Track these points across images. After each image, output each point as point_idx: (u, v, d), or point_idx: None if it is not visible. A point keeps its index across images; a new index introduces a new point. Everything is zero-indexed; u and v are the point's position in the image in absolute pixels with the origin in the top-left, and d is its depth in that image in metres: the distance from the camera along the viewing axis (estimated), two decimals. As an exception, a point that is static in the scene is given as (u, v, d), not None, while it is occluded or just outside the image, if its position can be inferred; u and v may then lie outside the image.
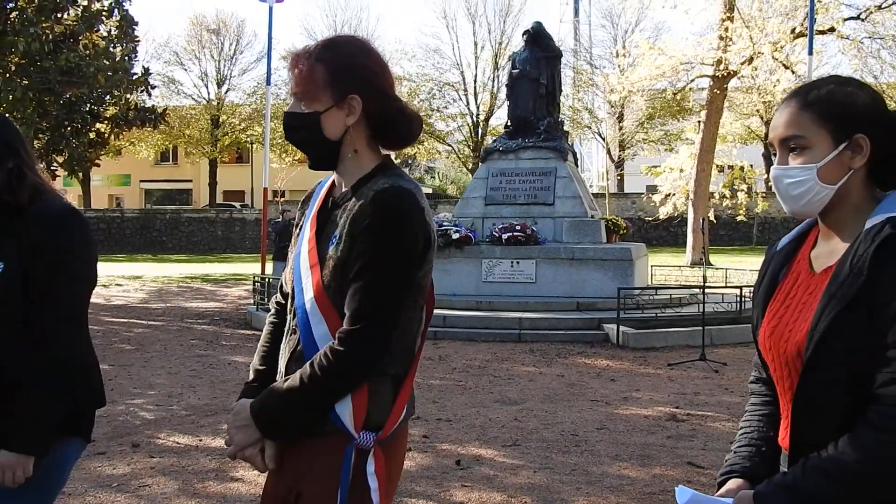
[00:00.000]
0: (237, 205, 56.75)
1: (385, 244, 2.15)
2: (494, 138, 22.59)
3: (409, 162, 68.88)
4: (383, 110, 2.32)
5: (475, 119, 53.09)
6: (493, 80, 52.22)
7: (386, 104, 2.32)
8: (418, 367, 2.38)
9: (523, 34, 18.27)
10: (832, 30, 26.55)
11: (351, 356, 2.14)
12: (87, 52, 20.95)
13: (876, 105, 1.92)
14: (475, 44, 53.90)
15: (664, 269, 21.85)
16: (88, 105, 22.30)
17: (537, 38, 17.79)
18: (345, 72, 2.28)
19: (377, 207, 2.16)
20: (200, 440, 7.13)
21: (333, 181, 2.44)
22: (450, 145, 54.91)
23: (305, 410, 2.20)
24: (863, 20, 27.19)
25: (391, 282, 2.16)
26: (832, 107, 1.91)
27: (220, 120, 56.40)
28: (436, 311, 10.98)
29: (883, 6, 26.73)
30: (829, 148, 1.90)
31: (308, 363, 2.18)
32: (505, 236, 15.30)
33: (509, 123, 18.07)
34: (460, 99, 53.33)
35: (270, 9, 18.76)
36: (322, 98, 2.29)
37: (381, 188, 2.20)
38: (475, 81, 53.51)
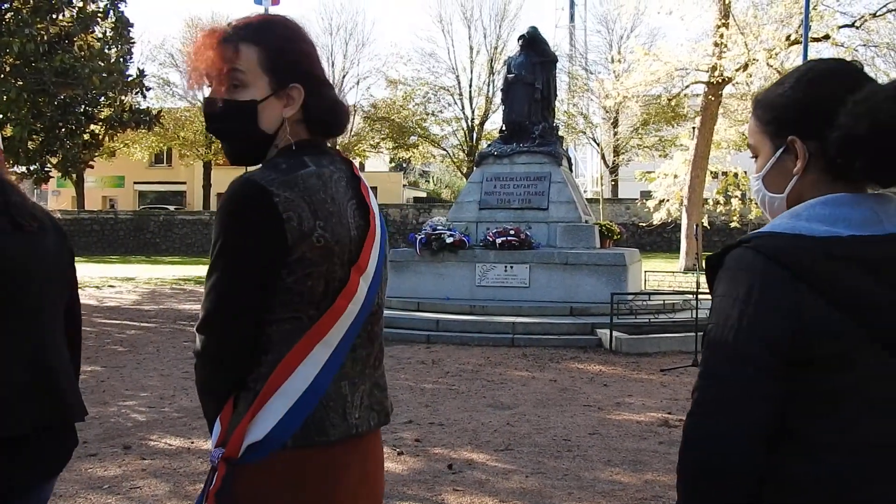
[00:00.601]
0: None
1: (217, 238, 1.99)
2: (489, 143, 22.60)
3: (405, 166, 68.98)
4: (323, 100, 2.15)
5: (470, 123, 53.10)
6: (489, 85, 52.28)
7: (324, 93, 2.16)
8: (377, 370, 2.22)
9: (519, 39, 18.27)
10: (827, 37, 26.62)
11: (194, 354, 2.09)
12: (82, 53, 20.90)
13: (812, 99, 1.75)
14: (471, 48, 53.96)
15: (658, 274, 21.87)
16: (83, 106, 22.24)
17: (533, 42, 17.81)
18: (285, 58, 2.10)
19: (221, 200, 2.00)
20: (192, 442, 7.12)
21: None
22: (444, 149, 54.96)
23: (204, 414, 2.16)
24: (857, 28, 27.28)
25: (220, 275, 2.00)
26: (767, 110, 1.83)
27: (215, 122, 56.30)
28: (429, 315, 10.98)
29: (877, 14, 26.83)
30: (771, 154, 1.83)
31: None
32: (499, 241, 15.30)
33: (504, 128, 18.08)
34: (455, 103, 53.39)
35: (266, 11, 18.75)
36: (259, 85, 2.08)
37: (233, 180, 2.04)
38: (470, 86, 53.55)
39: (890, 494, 1.61)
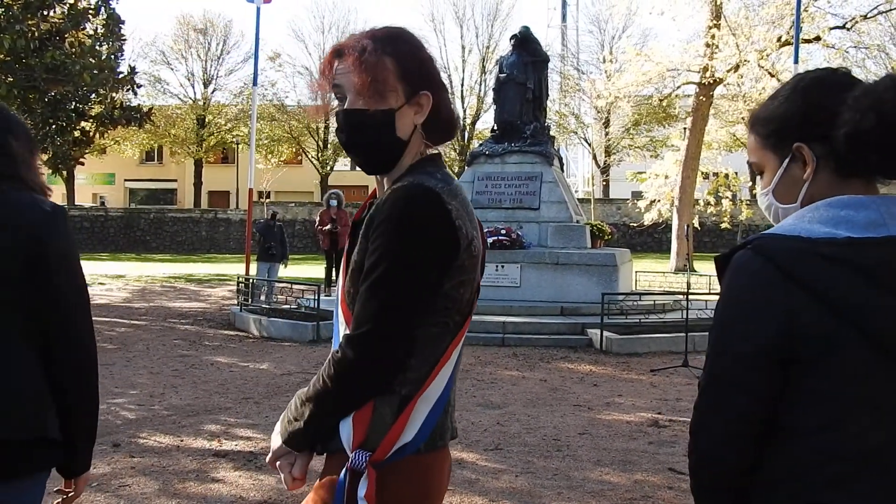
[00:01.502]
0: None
1: (393, 243, 1.97)
2: (481, 142, 22.61)
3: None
4: (443, 107, 2.20)
5: (462, 122, 53.16)
6: (481, 84, 52.43)
7: (445, 99, 2.21)
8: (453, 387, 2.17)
9: (511, 38, 18.28)
10: (818, 39, 26.70)
11: (347, 362, 1.98)
12: (73, 50, 20.83)
13: (810, 105, 1.78)
14: (463, 47, 54.12)
15: (648, 274, 21.88)
16: (73, 103, 22.19)
17: (525, 42, 17.81)
18: (416, 66, 2.14)
19: (389, 205, 2.00)
20: (181, 440, 7.11)
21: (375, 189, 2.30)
22: (436, 148, 54.92)
23: (311, 421, 2.05)
24: (848, 30, 27.38)
25: (398, 284, 1.97)
26: (765, 124, 1.85)
27: (206, 120, 56.29)
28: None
29: (868, 16, 26.93)
30: (777, 166, 1.84)
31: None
32: (490, 240, 15.29)
33: (496, 127, 18.08)
34: (447, 102, 53.36)
35: (258, 9, 18.70)
36: (395, 94, 2.11)
37: (399, 185, 2.05)
38: (462, 85, 53.68)
39: (860, 499, 1.64)
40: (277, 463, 2.13)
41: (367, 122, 2.12)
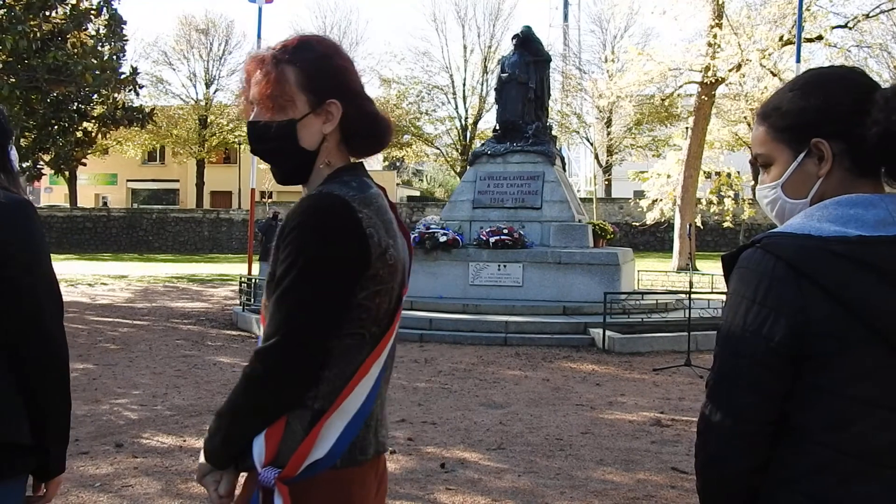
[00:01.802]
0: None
1: (299, 253, 1.93)
2: (483, 142, 22.59)
3: (398, 165, 69.02)
4: (360, 114, 2.14)
5: (463, 122, 53.15)
6: (482, 84, 52.38)
7: (362, 107, 2.14)
8: (379, 392, 2.11)
9: (513, 38, 18.28)
10: (820, 38, 26.69)
11: (255, 377, 1.94)
12: (75, 50, 20.90)
13: (831, 102, 1.77)
14: (464, 47, 54.08)
15: (651, 274, 21.89)
16: (76, 104, 22.27)
17: (526, 42, 17.82)
18: (321, 74, 2.10)
19: (297, 214, 1.97)
20: (184, 441, 7.11)
21: None
22: (438, 148, 55.04)
23: (226, 438, 2.01)
24: (850, 29, 27.37)
25: (305, 294, 1.92)
26: (782, 117, 1.83)
27: (208, 120, 56.35)
28: (422, 314, 10.95)
29: (870, 15, 26.90)
30: (789, 161, 1.82)
31: None
32: (492, 240, 15.31)
33: (498, 127, 18.09)
34: (449, 102, 53.47)
35: (260, 10, 18.72)
36: (297, 104, 2.09)
37: (308, 194, 2.03)
38: (464, 85, 53.66)
39: (871, 497, 1.64)
40: (203, 480, 2.09)
41: (266, 134, 2.11)
